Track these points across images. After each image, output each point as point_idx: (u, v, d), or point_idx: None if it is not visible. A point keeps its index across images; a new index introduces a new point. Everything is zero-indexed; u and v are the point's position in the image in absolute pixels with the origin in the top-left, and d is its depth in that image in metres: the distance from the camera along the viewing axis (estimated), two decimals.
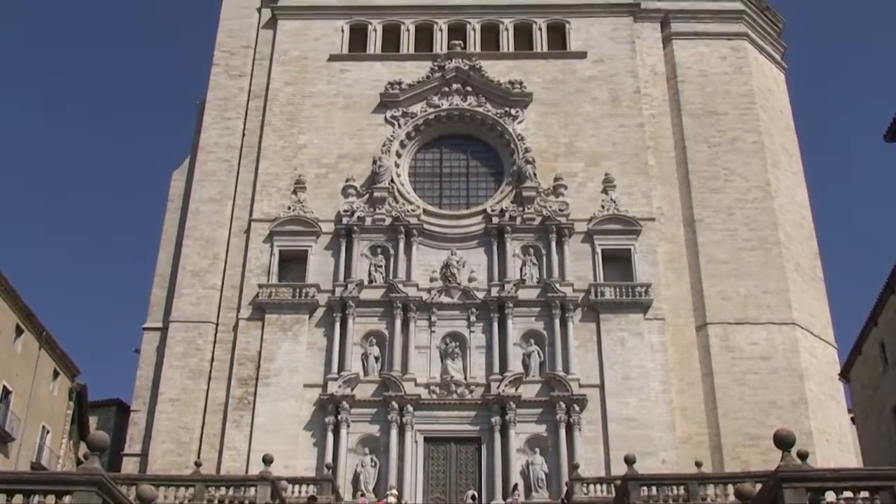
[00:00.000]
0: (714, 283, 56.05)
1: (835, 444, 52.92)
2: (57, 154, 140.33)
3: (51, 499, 22.54)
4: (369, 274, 55.30)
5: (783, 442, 23.59)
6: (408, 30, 65.32)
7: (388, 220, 56.51)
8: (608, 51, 63.79)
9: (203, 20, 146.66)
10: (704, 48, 65.14)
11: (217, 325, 55.03)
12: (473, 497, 45.99)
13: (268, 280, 55.41)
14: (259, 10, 66.53)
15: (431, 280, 54.93)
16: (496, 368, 51.75)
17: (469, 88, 61.85)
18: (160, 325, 55.74)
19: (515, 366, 51.86)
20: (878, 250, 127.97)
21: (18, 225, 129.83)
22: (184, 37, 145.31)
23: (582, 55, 63.66)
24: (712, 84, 63.60)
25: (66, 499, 21.90)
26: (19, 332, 50.49)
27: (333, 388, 51.15)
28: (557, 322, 52.96)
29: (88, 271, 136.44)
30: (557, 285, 53.83)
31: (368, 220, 56.53)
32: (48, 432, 54.45)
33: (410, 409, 50.49)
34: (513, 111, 61.10)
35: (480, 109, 61.27)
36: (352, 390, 51.26)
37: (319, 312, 54.30)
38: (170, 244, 58.59)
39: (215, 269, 56.58)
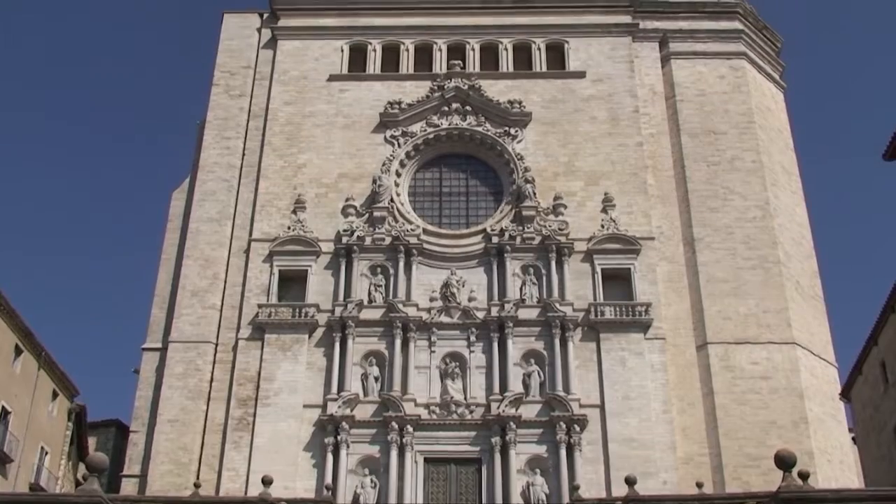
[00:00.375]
0: (714, 303, 55.94)
1: (836, 463, 52.67)
2: (56, 173, 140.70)
3: None
4: (369, 294, 55.17)
5: (784, 462, 23.58)
6: (407, 50, 65.56)
7: (388, 240, 56.47)
8: (607, 70, 64.00)
9: (203, 40, 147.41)
10: (703, 67, 65.33)
11: (216, 345, 54.87)
12: None
13: (267, 300, 55.31)
14: (259, 30, 66.84)
15: (431, 300, 54.79)
16: (496, 388, 51.51)
17: (468, 108, 61.96)
18: (159, 345, 55.55)
19: (515, 386, 51.66)
20: (877, 269, 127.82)
21: (17, 244, 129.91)
22: (184, 57, 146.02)
23: (581, 75, 63.87)
24: (711, 103, 63.72)
25: None
26: (18, 352, 50.49)
27: (333, 408, 50.95)
28: (557, 342, 52.81)
29: (88, 291, 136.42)
30: (557, 305, 53.73)
31: (368, 240, 56.50)
32: (47, 453, 54.31)
33: (410, 429, 50.24)
34: (512, 130, 61.19)
35: (480, 129, 61.36)
36: (351, 411, 51.05)
37: (319, 332, 54.18)
38: (169, 264, 58.54)
39: (215, 289, 56.53)
